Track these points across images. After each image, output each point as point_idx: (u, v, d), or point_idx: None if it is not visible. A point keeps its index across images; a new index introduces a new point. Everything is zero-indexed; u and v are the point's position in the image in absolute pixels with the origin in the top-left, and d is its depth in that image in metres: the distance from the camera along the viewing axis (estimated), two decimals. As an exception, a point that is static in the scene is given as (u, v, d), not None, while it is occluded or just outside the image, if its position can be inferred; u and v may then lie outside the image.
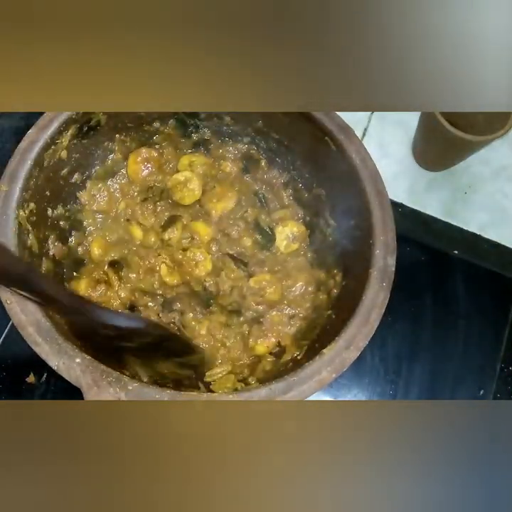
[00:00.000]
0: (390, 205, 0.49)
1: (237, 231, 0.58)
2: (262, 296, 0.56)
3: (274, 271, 0.57)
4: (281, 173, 0.61)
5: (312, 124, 0.52)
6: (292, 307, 0.56)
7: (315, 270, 0.58)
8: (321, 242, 0.58)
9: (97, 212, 0.58)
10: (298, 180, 0.60)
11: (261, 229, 0.59)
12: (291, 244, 0.59)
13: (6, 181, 0.45)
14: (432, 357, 0.63)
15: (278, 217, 0.60)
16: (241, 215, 0.59)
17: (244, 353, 0.55)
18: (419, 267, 0.66)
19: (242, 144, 0.61)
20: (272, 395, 0.40)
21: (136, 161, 0.59)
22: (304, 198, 0.60)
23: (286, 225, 0.59)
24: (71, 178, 0.54)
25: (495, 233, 0.69)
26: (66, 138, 0.50)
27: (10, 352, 0.59)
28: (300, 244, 0.59)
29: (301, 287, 0.57)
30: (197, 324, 0.55)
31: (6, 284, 0.39)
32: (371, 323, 0.44)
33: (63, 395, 0.57)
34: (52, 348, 0.40)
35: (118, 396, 0.39)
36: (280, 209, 0.61)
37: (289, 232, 0.59)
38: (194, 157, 0.60)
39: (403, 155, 0.73)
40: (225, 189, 0.60)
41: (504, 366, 0.63)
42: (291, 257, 0.59)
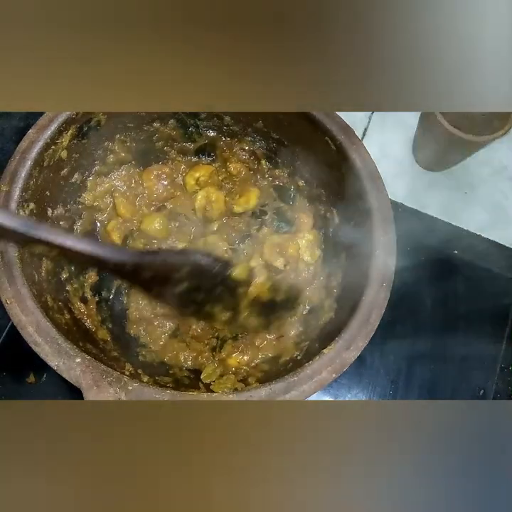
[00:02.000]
0: (390, 205, 0.49)
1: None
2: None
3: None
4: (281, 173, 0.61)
5: (312, 124, 0.52)
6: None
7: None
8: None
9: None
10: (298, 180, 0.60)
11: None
12: (315, 251, 0.59)
13: (6, 181, 0.45)
14: (432, 357, 0.63)
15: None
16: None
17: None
18: (419, 267, 0.67)
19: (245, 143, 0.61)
20: (272, 395, 0.40)
21: (150, 178, 0.61)
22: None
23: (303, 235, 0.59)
24: (71, 178, 0.54)
25: (495, 233, 0.69)
26: (66, 138, 0.50)
27: (10, 352, 0.59)
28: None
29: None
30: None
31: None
32: (371, 323, 0.44)
33: (63, 395, 0.57)
34: (52, 348, 0.40)
35: (118, 396, 0.39)
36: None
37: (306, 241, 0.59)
38: (197, 172, 0.61)
39: (403, 155, 0.73)
40: (243, 187, 0.61)
41: (504, 366, 0.63)
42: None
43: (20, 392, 0.58)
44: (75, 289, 0.53)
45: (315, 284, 0.57)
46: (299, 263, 0.58)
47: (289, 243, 0.58)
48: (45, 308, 0.43)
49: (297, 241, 0.58)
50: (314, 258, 0.58)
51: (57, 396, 0.57)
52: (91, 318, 0.53)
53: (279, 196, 0.61)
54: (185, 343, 0.56)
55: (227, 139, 0.61)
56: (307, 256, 0.58)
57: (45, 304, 0.45)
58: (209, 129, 0.60)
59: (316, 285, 0.57)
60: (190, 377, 0.53)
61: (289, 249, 0.57)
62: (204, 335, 0.56)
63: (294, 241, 0.58)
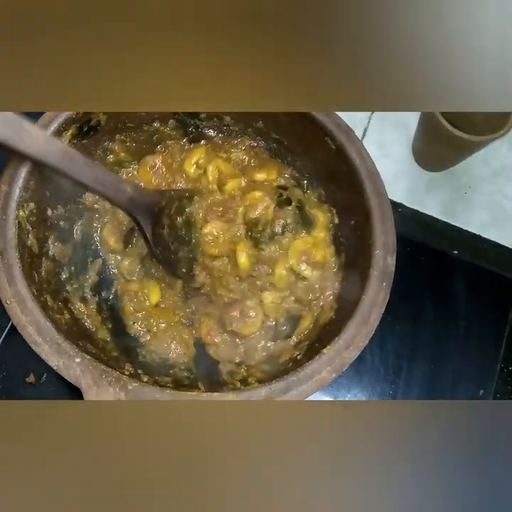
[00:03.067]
0: (390, 205, 0.49)
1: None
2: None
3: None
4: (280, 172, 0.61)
5: (312, 124, 0.52)
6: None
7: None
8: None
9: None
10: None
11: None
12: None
13: (6, 181, 0.45)
14: (432, 357, 0.63)
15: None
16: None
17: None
18: (419, 267, 0.67)
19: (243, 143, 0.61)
20: (272, 395, 0.40)
21: (147, 171, 0.59)
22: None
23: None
24: (71, 178, 0.54)
25: (495, 233, 0.69)
26: (66, 138, 0.50)
27: (10, 352, 0.59)
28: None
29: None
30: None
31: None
32: (371, 323, 0.44)
33: (63, 395, 0.57)
34: (52, 348, 0.40)
35: (118, 396, 0.39)
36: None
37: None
38: (194, 156, 0.59)
39: (403, 155, 0.73)
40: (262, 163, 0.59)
41: (504, 366, 0.63)
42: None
43: (21, 392, 0.58)
44: (75, 289, 0.53)
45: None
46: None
47: (314, 249, 0.55)
48: (45, 308, 0.43)
49: (322, 245, 0.56)
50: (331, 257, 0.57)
51: (57, 396, 0.57)
52: (91, 318, 0.53)
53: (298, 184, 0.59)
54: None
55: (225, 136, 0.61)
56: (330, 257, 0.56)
57: (45, 304, 0.45)
58: (209, 129, 0.60)
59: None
60: (190, 377, 0.53)
61: (316, 255, 0.55)
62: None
63: (318, 246, 0.55)
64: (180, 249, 0.53)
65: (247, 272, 0.54)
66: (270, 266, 0.55)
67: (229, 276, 0.54)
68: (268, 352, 0.54)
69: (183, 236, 0.53)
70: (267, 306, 0.55)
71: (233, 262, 0.54)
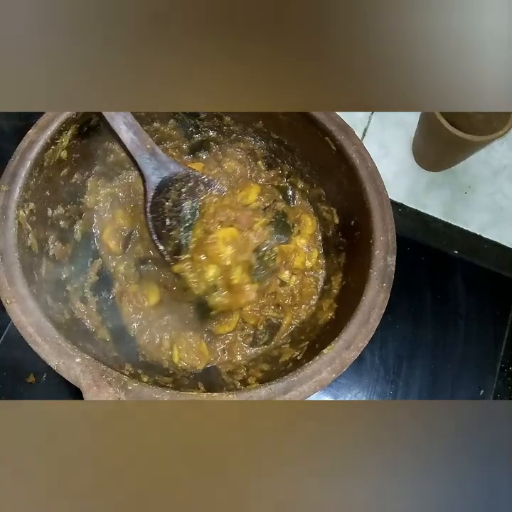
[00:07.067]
0: (390, 205, 0.49)
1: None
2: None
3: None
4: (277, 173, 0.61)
5: (312, 124, 0.52)
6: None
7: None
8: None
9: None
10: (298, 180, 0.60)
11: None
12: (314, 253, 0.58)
13: (6, 181, 0.45)
14: (432, 357, 0.63)
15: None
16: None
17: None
18: (419, 267, 0.67)
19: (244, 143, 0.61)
20: (271, 395, 0.40)
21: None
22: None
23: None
24: (71, 178, 0.54)
25: (495, 233, 0.69)
26: (66, 138, 0.50)
27: (10, 352, 0.59)
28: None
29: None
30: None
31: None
32: (371, 323, 0.44)
33: (63, 395, 0.57)
34: (52, 348, 0.40)
35: (118, 396, 0.39)
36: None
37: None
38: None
39: (403, 155, 0.73)
40: (245, 183, 0.60)
41: (504, 366, 0.63)
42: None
43: (20, 392, 0.58)
44: (75, 289, 0.53)
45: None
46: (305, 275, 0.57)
47: (294, 254, 0.57)
48: (45, 308, 0.43)
49: (302, 253, 0.57)
50: (314, 259, 0.58)
51: (57, 396, 0.57)
52: (91, 318, 0.53)
53: (283, 197, 0.61)
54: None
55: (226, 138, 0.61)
56: (309, 262, 0.58)
57: (45, 303, 0.45)
58: (209, 129, 0.60)
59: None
60: (189, 377, 0.53)
61: (294, 261, 0.56)
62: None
63: (298, 252, 0.57)
64: (176, 228, 0.51)
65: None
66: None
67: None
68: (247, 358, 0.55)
69: (184, 219, 0.51)
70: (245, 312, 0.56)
71: (224, 275, 0.50)
